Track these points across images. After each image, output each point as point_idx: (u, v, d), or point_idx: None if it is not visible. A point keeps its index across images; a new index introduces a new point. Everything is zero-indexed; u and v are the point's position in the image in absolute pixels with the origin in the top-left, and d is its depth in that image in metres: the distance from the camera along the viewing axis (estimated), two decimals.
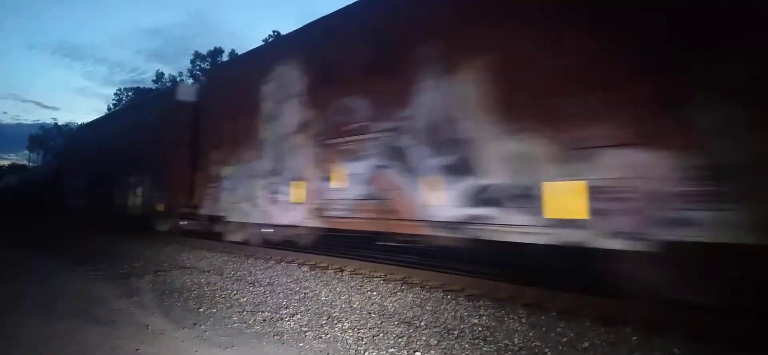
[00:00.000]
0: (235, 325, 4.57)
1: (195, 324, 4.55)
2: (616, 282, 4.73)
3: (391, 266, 7.00)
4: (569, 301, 5.00)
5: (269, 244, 9.35)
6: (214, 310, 5.11)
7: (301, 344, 4.01)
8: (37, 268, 7.77)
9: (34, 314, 4.80)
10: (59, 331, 4.25)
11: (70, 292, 5.91)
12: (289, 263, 7.91)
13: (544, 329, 4.40)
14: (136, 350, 3.75)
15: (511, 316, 4.78)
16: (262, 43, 37.96)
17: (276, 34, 36.97)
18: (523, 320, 4.64)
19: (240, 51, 53.63)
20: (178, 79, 47.45)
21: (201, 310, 5.11)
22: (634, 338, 4.12)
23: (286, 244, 8.87)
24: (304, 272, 7.20)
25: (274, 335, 4.25)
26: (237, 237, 9.97)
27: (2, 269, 7.66)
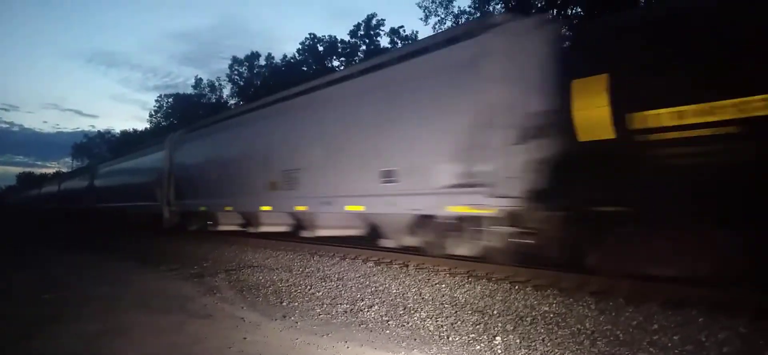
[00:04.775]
0: (321, 316, 4.95)
1: (284, 316, 4.96)
2: None
3: (454, 260, 7.26)
4: (635, 287, 5.16)
5: None
6: (296, 303, 5.51)
7: (387, 332, 4.36)
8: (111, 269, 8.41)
9: (137, 310, 5.30)
10: (167, 324, 4.72)
11: (161, 291, 6.44)
12: (354, 259, 8.28)
13: (613, 314, 4.61)
14: (244, 338, 4.16)
15: (580, 303, 4.98)
16: (299, 45, 38.47)
17: (312, 37, 37.41)
18: (592, 307, 4.85)
19: (275, 53, 54.67)
20: (217, 84, 48.79)
21: (284, 304, 5.52)
22: (701, 319, 4.30)
23: None
24: (370, 266, 7.56)
25: (359, 324, 4.61)
26: None
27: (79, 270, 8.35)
